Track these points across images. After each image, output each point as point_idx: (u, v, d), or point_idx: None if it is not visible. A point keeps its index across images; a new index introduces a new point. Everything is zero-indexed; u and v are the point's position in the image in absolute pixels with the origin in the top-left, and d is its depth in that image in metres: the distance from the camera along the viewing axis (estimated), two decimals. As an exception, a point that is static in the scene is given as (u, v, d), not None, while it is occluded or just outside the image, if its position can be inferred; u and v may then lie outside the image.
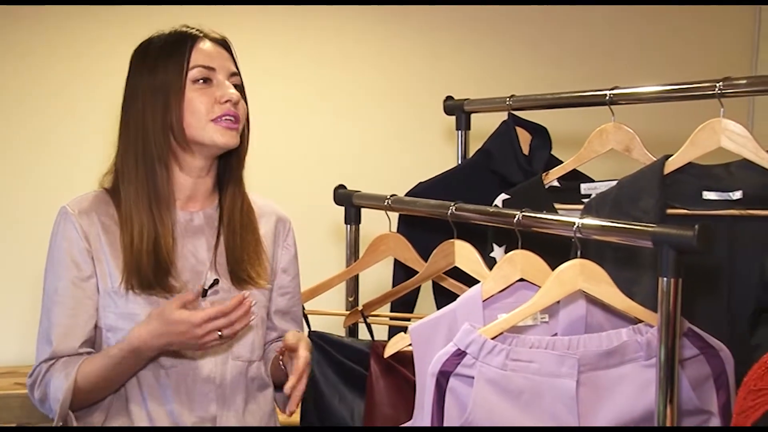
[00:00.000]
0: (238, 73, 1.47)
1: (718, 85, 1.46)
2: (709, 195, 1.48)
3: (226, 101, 1.41)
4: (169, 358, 1.41)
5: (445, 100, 2.07)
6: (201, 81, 1.41)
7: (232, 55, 1.48)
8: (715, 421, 1.28)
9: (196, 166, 1.46)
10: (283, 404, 1.55)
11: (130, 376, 1.39)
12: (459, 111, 2.04)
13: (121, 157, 1.44)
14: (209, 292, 1.43)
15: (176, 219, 1.45)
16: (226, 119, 1.41)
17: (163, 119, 1.39)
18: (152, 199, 1.41)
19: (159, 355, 1.39)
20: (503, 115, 1.89)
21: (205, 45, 1.43)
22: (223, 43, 1.47)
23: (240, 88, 1.47)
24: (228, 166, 1.50)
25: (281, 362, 1.46)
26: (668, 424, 1.18)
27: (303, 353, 1.39)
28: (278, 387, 1.55)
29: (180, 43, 1.42)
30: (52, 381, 1.37)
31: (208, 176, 1.49)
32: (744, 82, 1.46)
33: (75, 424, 1.38)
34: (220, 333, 1.31)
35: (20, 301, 2.38)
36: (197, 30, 1.45)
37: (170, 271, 1.40)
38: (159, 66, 1.41)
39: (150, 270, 1.39)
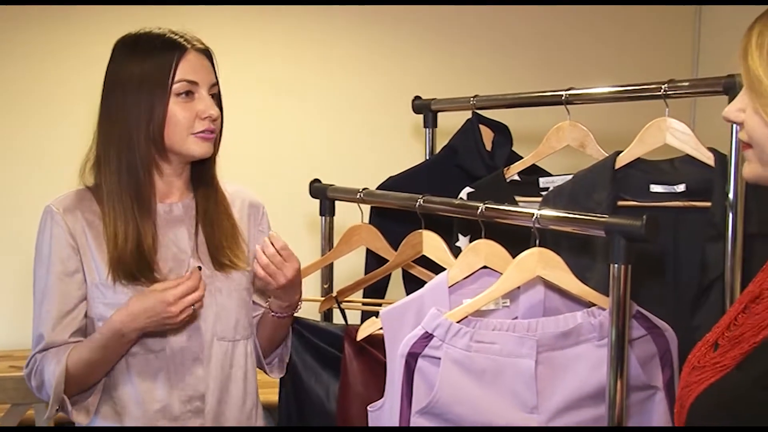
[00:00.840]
0: (217, 83, 1.45)
1: (663, 86, 1.48)
2: (655, 188, 1.50)
3: (206, 117, 1.40)
4: (158, 341, 1.41)
5: (413, 100, 2.07)
6: (184, 94, 1.38)
7: (213, 65, 1.45)
8: (660, 396, 1.31)
9: (171, 169, 1.45)
10: (270, 369, 1.58)
11: (117, 358, 1.39)
12: (426, 110, 2.04)
13: (103, 160, 1.41)
14: None
15: (156, 212, 1.44)
16: (205, 133, 1.40)
17: (146, 129, 1.37)
18: (134, 201, 1.39)
19: (142, 337, 1.39)
20: (467, 114, 1.89)
21: (191, 57, 1.39)
22: (207, 53, 1.44)
23: (217, 96, 1.45)
24: (202, 166, 1.48)
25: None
26: (618, 399, 1.20)
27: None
28: (266, 354, 1.56)
29: (167, 53, 1.38)
30: (46, 369, 1.37)
31: (182, 175, 1.48)
32: (687, 84, 1.48)
33: (69, 407, 1.38)
34: (193, 307, 1.33)
35: (13, 289, 2.34)
36: (184, 40, 1.41)
37: (152, 264, 1.40)
38: (145, 73, 1.37)
39: (134, 264, 1.38)
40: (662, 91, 1.48)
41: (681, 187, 1.48)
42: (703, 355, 0.98)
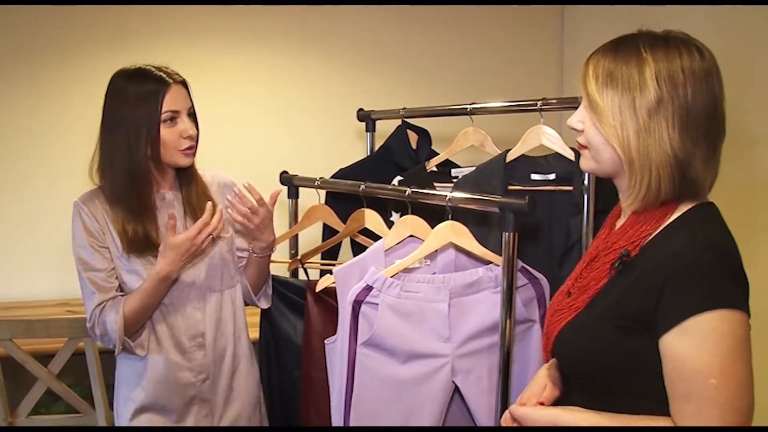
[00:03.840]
0: (192, 106, 1.42)
1: (539, 103, 1.50)
2: (535, 176, 1.52)
3: (187, 136, 1.39)
4: (168, 295, 1.41)
5: (357, 111, 2.06)
6: (169, 120, 1.36)
7: (188, 91, 1.42)
8: (537, 327, 1.34)
9: (162, 170, 1.43)
10: (258, 301, 1.57)
11: (160, 300, 1.39)
12: (367, 118, 2.03)
13: (108, 166, 1.38)
14: None
15: (154, 201, 1.42)
16: (187, 149, 1.40)
17: (144, 151, 1.35)
18: (137, 201, 1.38)
19: (176, 279, 1.40)
20: (398, 121, 1.89)
21: (173, 90, 1.36)
22: (184, 83, 1.41)
23: (193, 115, 1.43)
24: (185, 169, 1.46)
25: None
26: (507, 330, 1.23)
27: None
28: (255, 290, 1.55)
29: (156, 86, 1.35)
30: (107, 319, 1.36)
31: (170, 172, 1.46)
32: (555, 101, 1.50)
33: (132, 345, 1.38)
34: (212, 236, 1.35)
35: (64, 252, 2.23)
36: (168, 75, 1.37)
37: (155, 243, 1.39)
38: (139, 99, 1.34)
39: (141, 245, 1.38)
40: (538, 106, 1.50)
41: (552, 176, 1.51)
42: (561, 301, 1.00)
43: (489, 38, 2.79)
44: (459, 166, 1.77)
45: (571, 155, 1.47)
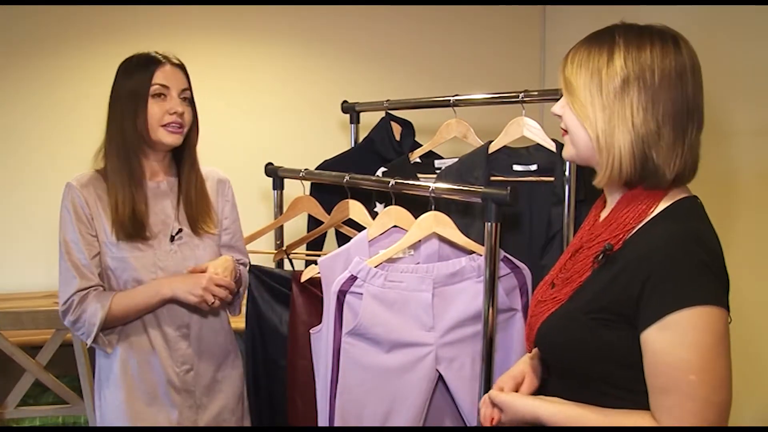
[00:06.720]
0: (188, 89, 1.39)
1: (520, 95, 1.48)
2: (516, 167, 1.51)
3: (173, 113, 1.34)
4: None
5: (342, 104, 2.03)
6: (157, 95, 1.33)
7: (186, 75, 1.39)
8: (519, 316, 1.32)
9: (155, 155, 1.39)
10: (229, 310, 1.53)
11: (148, 310, 1.35)
12: (351, 110, 2.00)
13: (107, 148, 1.36)
14: (175, 238, 1.38)
15: (147, 188, 1.38)
16: (172, 126, 1.35)
17: (134, 123, 1.33)
18: (129, 178, 1.34)
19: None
20: (382, 113, 1.86)
21: (166, 68, 1.34)
22: (180, 66, 1.38)
23: (190, 100, 1.39)
24: (184, 152, 1.42)
25: None
26: (490, 319, 1.21)
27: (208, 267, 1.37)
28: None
29: (148, 66, 1.34)
30: (88, 308, 1.31)
31: (164, 160, 1.42)
32: (536, 93, 1.49)
33: (104, 339, 1.34)
34: (213, 300, 1.32)
35: (50, 243, 2.18)
36: (162, 56, 1.36)
37: (145, 227, 1.35)
38: (132, 82, 1.33)
39: (131, 227, 1.33)
40: (520, 98, 1.48)
41: (534, 167, 1.50)
42: (544, 292, 0.98)
43: (472, 32, 2.76)
44: (442, 158, 1.76)
45: (552, 146, 1.46)
